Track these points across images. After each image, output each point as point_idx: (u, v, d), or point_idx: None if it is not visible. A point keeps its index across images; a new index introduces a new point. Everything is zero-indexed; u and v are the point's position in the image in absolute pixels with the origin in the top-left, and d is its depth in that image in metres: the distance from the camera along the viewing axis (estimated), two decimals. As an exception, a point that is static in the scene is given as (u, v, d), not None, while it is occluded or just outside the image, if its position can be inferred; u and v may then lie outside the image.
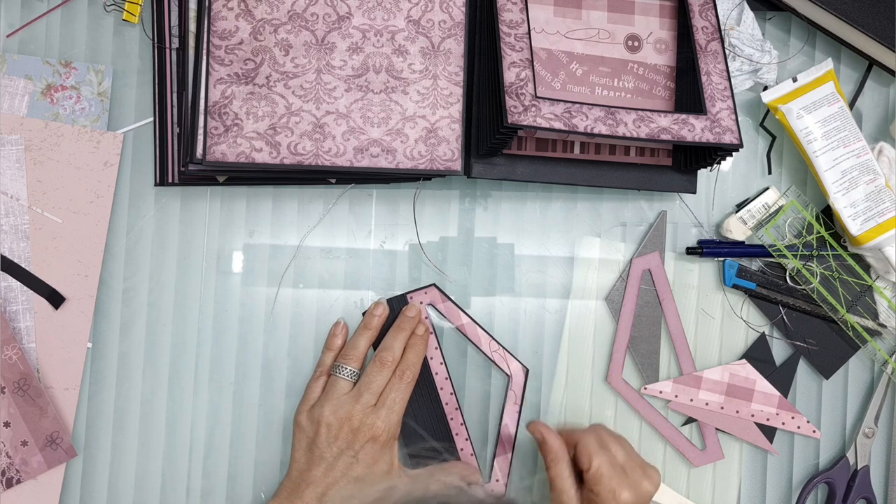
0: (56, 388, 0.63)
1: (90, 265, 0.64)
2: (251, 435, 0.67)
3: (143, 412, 0.66)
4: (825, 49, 0.74)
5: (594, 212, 0.71)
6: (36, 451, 0.62)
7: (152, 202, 0.66)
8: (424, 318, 0.66)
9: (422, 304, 0.67)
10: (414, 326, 0.65)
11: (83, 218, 0.64)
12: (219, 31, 0.61)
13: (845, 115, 0.70)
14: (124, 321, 0.66)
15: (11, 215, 0.63)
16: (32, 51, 0.65)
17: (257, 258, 0.67)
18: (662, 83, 0.68)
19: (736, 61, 0.70)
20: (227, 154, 0.59)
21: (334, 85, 0.62)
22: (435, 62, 0.64)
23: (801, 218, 0.72)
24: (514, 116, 0.59)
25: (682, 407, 0.70)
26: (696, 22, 0.67)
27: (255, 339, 0.67)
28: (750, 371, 0.71)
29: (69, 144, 0.64)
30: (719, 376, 0.70)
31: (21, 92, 0.64)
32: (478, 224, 0.70)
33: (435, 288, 0.67)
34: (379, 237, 0.69)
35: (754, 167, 0.73)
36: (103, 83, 0.65)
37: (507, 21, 0.62)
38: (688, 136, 0.62)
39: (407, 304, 0.66)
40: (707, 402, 0.70)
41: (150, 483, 0.66)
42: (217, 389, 0.67)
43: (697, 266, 0.72)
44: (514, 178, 0.65)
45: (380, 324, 0.65)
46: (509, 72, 0.60)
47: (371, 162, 0.62)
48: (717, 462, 0.71)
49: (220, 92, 0.60)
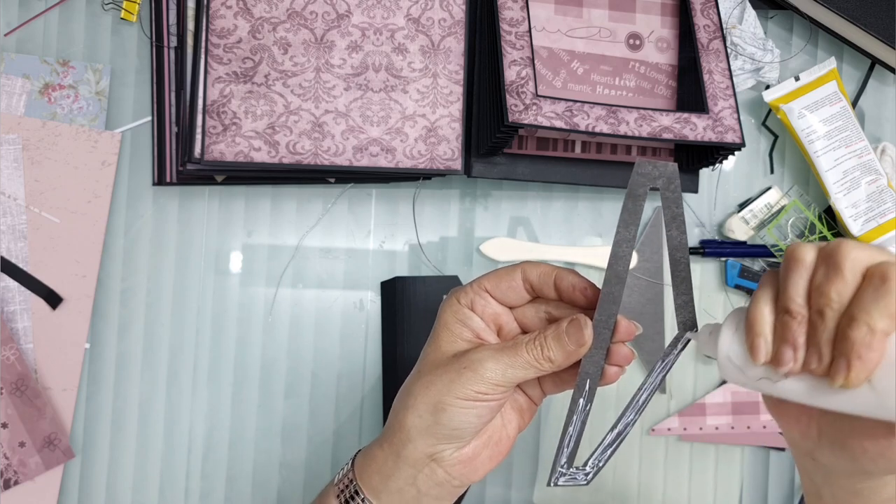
0: (54, 388, 0.63)
1: (88, 265, 0.64)
2: (250, 436, 0.66)
3: (141, 413, 0.65)
4: (827, 48, 0.74)
5: (595, 211, 0.71)
6: (34, 452, 0.61)
7: (150, 202, 0.66)
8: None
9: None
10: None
11: (81, 218, 0.64)
12: (217, 29, 0.60)
13: (847, 115, 0.70)
14: (122, 321, 0.65)
15: (9, 215, 0.63)
16: (30, 49, 0.64)
17: (256, 258, 0.67)
18: (664, 82, 0.68)
19: (738, 60, 0.70)
20: (226, 153, 0.59)
21: (333, 84, 0.62)
22: (435, 60, 0.64)
23: (804, 218, 0.72)
24: (515, 115, 0.58)
25: (694, 437, 0.70)
26: (698, 20, 0.67)
27: (254, 339, 0.67)
28: None
29: (67, 144, 0.63)
30: (722, 398, 0.70)
31: (19, 91, 0.63)
32: (478, 224, 0.70)
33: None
34: (378, 237, 0.68)
35: (756, 167, 0.73)
36: (101, 82, 0.65)
37: (507, 19, 0.62)
38: (690, 135, 0.62)
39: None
40: (717, 427, 0.70)
41: (148, 484, 0.65)
42: (216, 390, 0.66)
43: (699, 266, 0.71)
44: (515, 177, 0.65)
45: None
46: (510, 70, 0.60)
47: (370, 161, 0.62)
48: (719, 462, 0.71)
49: (219, 91, 0.60)
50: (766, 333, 0.35)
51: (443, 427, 0.40)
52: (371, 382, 0.68)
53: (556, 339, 0.40)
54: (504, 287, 0.42)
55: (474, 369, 0.39)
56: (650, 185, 0.39)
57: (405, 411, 0.41)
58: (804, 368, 0.34)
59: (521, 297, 0.43)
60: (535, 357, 0.40)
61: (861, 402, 0.32)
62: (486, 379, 0.39)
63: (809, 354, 0.33)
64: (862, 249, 0.33)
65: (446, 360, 0.41)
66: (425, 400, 0.40)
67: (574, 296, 0.41)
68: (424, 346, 0.43)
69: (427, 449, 0.40)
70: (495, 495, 0.69)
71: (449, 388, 0.39)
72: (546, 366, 0.40)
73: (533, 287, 0.42)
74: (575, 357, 0.40)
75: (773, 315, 0.35)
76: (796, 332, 0.34)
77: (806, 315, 0.34)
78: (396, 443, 0.41)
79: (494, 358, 0.40)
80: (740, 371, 0.37)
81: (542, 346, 0.40)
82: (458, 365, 0.40)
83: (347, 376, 0.68)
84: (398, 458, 0.41)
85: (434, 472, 0.41)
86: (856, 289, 0.33)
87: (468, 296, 0.42)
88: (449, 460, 0.41)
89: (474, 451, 0.41)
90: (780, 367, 0.34)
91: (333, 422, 0.68)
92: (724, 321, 0.37)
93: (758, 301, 0.36)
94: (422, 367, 0.42)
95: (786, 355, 0.34)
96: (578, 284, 0.41)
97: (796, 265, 0.35)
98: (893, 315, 0.31)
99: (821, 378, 0.33)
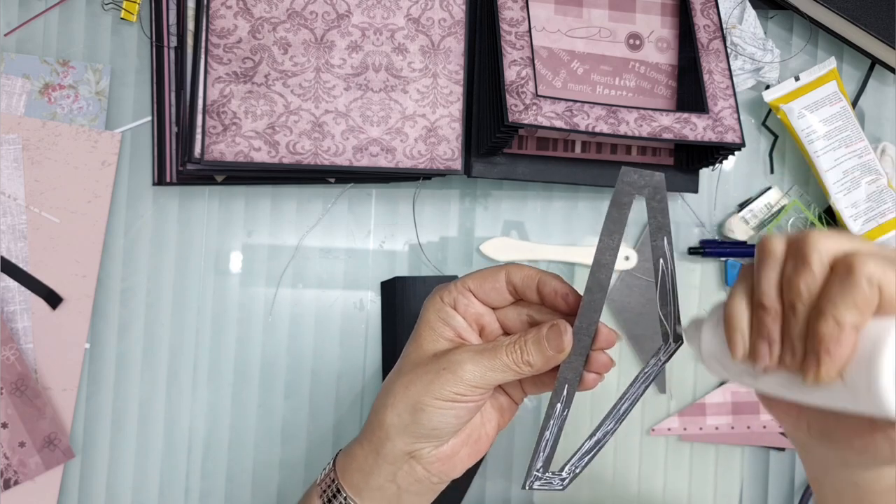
0: (54, 388, 0.63)
1: (88, 265, 0.64)
2: (250, 435, 0.66)
3: (141, 413, 0.65)
4: (827, 48, 0.74)
5: (595, 211, 0.71)
6: (34, 452, 0.61)
7: (150, 202, 0.66)
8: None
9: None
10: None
11: (81, 218, 0.64)
12: (217, 29, 0.60)
13: (847, 115, 0.70)
14: (122, 321, 0.65)
15: (9, 215, 0.63)
16: (30, 49, 0.64)
17: (256, 258, 0.67)
18: (664, 82, 0.68)
19: (738, 60, 0.70)
20: (226, 153, 0.59)
21: (333, 84, 0.62)
22: (435, 60, 0.64)
23: (804, 217, 0.72)
24: (515, 115, 0.58)
25: (694, 437, 0.70)
26: (698, 20, 0.67)
27: (254, 339, 0.67)
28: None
29: (67, 144, 0.63)
30: (721, 398, 0.70)
31: (19, 91, 0.63)
32: (478, 224, 0.70)
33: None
34: (378, 237, 0.68)
35: (756, 166, 0.73)
36: (101, 82, 0.65)
37: (507, 19, 0.62)
38: (690, 135, 0.62)
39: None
40: (717, 427, 0.70)
41: (148, 484, 0.65)
42: (216, 390, 0.66)
43: (699, 266, 0.71)
44: (515, 177, 0.65)
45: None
46: (510, 70, 0.60)
47: (370, 161, 0.62)
48: (719, 462, 0.71)
49: (219, 91, 0.60)
50: (744, 329, 0.34)
51: (421, 427, 0.40)
52: (371, 382, 0.68)
53: (535, 344, 0.40)
54: (487, 288, 0.42)
55: (453, 371, 0.39)
56: (636, 193, 0.39)
57: (384, 409, 0.41)
58: (780, 364, 0.33)
59: (504, 298, 0.42)
60: (514, 360, 0.40)
61: (836, 398, 0.31)
62: (465, 381, 0.39)
63: (784, 350, 0.33)
64: (830, 239, 0.32)
65: (426, 360, 0.41)
66: (404, 399, 0.40)
67: (556, 301, 0.41)
68: (406, 343, 0.43)
69: (406, 447, 0.41)
70: (495, 494, 0.69)
71: (428, 389, 0.39)
72: (525, 369, 0.40)
73: (516, 289, 0.42)
74: (554, 362, 0.40)
75: (750, 310, 0.34)
76: (770, 326, 0.33)
77: (779, 309, 0.33)
78: (376, 441, 0.41)
79: (473, 360, 0.39)
80: (722, 366, 0.36)
81: (521, 350, 0.40)
82: (438, 366, 0.40)
83: (347, 376, 0.68)
84: (377, 455, 0.41)
85: (413, 469, 0.41)
86: (824, 281, 0.32)
87: (451, 294, 0.42)
88: (428, 458, 0.41)
89: (453, 449, 0.42)
90: (757, 362, 0.33)
91: (333, 421, 0.68)
92: (707, 316, 0.37)
93: (734, 296, 0.35)
94: (403, 366, 0.42)
95: (762, 350, 0.33)
96: (560, 290, 0.41)
97: (767, 258, 0.34)
98: (861, 307, 0.30)
99: (797, 373, 0.32)
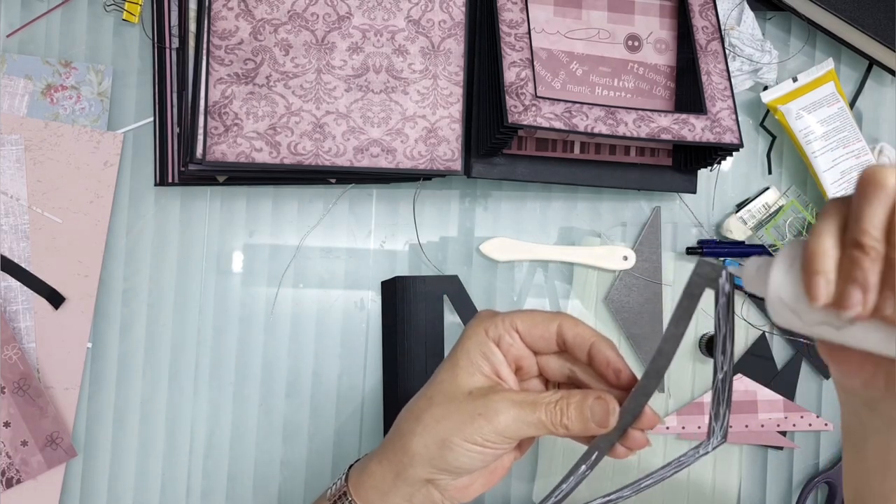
0: (56, 387, 0.63)
1: (90, 265, 0.64)
2: (251, 435, 0.67)
3: (143, 412, 0.66)
4: (825, 49, 0.74)
5: (594, 212, 0.71)
6: (36, 450, 0.62)
7: (152, 202, 0.66)
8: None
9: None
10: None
11: (83, 218, 0.64)
12: (219, 30, 0.60)
13: (845, 116, 0.70)
14: (124, 321, 0.65)
15: (11, 215, 0.63)
16: (32, 51, 0.65)
17: (257, 258, 0.67)
18: (663, 83, 0.68)
19: (736, 61, 0.70)
20: (227, 154, 0.59)
21: (334, 85, 0.62)
22: (435, 62, 0.64)
23: (802, 218, 0.72)
24: (515, 116, 0.59)
25: (692, 435, 0.70)
26: (697, 22, 0.67)
27: (255, 339, 0.67)
28: (749, 384, 0.70)
29: (69, 144, 0.64)
30: None
31: (21, 92, 0.64)
32: (478, 224, 0.70)
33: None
34: (379, 237, 0.69)
35: (754, 167, 0.73)
36: (103, 83, 0.65)
37: (507, 21, 0.62)
38: (688, 135, 0.62)
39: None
40: None
41: (150, 483, 0.65)
42: (217, 389, 0.67)
43: (697, 266, 0.72)
44: (515, 178, 0.65)
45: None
46: (509, 71, 0.60)
47: (371, 162, 0.62)
48: (717, 461, 0.71)
49: (220, 92, 0.60)
50: (829, 271, 0.29)
51: (446, 462, 0.40)
52: (372, 381, 0.69)
53: (578, 411, 0.39)
54: (536, 335, 0.41)
55: (489, 418, 0.38)
56: (708, 286, 0.36)
57: (412, 436, 0.41)
58: (876, 314, 0.28)
59: (551, 348, 0.41)
60: (551, 420, 0.39)
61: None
62: (498, 431, 0.39)
63: (884, 298, 0.28)
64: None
65: (461, 397, 0.40)
66: (434, 433, 0.40)
67: (606, 371, 0.40)
68: (440, 367, 0.42)
69: (426, 475, 0.41)
70: (495, 492, 0.69)
71: (459, 429, 0.39)
72: (560, 431, 0.39)
73: (566, 344, 0.41)
74: (591, 433, 0.39)
75: (839, 249, 0.29)
76: (868, 270, 0.28)
77: (882, 251, 0.28)
78: (397, 463, 0.41)
79: (510, 412, 0.39)
80: (795, 314, 0.31)
81: (562, 413, 0.39)
82: (473, 408, 0.39)
83: (348, 375, 0.68)
84: (397, 477, 0.41)
85: (430, 493, 0.42)
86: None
87: (497, 330, 0.41)
88: (446, 486, 0.41)
89: (471, 480, 0.42)
90: (846, 311, 0.28)
91: (334, 421, 0.68)
92: (777, 255, 0.32)
93: (820, 232, 0.29)
94: (434, 396, 0.41)
95: (853, 298, 0.28)
96: (614, 363, 0.39)
97: (875, 191, 0.28)
98: None
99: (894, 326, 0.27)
